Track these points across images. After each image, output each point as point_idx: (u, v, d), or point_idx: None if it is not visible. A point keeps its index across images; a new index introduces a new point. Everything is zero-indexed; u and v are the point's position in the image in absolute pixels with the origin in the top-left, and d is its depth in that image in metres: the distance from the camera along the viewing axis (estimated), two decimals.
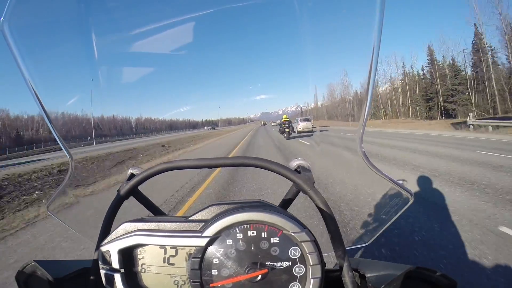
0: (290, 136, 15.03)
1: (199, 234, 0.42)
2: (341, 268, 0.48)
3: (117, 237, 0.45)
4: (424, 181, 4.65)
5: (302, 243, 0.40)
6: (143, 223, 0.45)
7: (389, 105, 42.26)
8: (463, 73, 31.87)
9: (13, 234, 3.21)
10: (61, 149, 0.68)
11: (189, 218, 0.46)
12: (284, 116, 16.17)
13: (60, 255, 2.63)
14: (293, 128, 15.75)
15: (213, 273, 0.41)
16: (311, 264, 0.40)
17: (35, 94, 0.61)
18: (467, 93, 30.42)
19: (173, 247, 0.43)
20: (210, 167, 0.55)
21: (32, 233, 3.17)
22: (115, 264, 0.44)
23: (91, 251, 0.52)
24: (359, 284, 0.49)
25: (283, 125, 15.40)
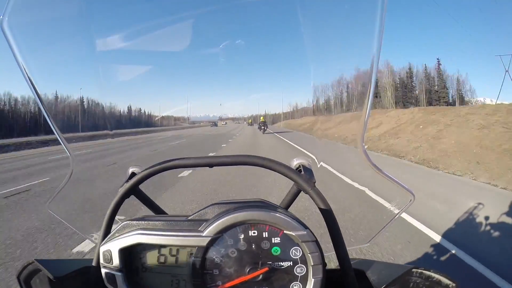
0: (265, 132, 23.46)
1: (200, 234, 0.42)
2: (342, 268, 0.48)
3: (118, 236, 0.45)
4: None
5: (303, 243, 0.40)
6: (144, 222, 0.45)
7: None
8: None
9: None
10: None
11: (190, 218, 0.46)
12: (261, 118, 25.51)
13: None
14: (267, 126, 24.62)
15: (214, 273, 0.41)
16: (312, 264, 0.40)
17: (35, 92, 0.61)
18: None
19: (174, 246, 0.43)
20: (211, 165, 0.55)
21: None
22: (116, 263, 0.44)
23: (92, 250, 0.52)
24: (360, 284, 0.49)
25: (260, 124, 24.67)
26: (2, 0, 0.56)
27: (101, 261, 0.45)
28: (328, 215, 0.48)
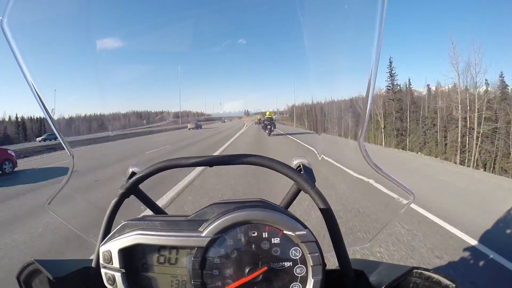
0: (272, 133, 15.15)
1: (200, 234, 0.41)
2: (341, 268, 0.48)
3: (118, 236, 0.45)
4: None
5: (303, 243, 0.40)
6: (143, 223, 0.45)
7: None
8: None
9: None
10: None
11: (190, 218, 0.46)
12: (267, 113, 16.28)
13: None
14: (275, 125, 15.70)
15: (214, 273, 0.41)
16: (312, 264, 0.40)
17: (35, 91, 0.61)
18: None
19: (174, 247, 0.43)
20: (211, 165, 0.55)
21: None
22: (116, 263, 0.44)
23: (92, 250, 0.52)
24: (360, 285, 0.49)
25: (265, 121, 15.68)
26: (2, 0, 0.56)
27: (101, 261, 0.45)
28: (328, 215, 0.47)
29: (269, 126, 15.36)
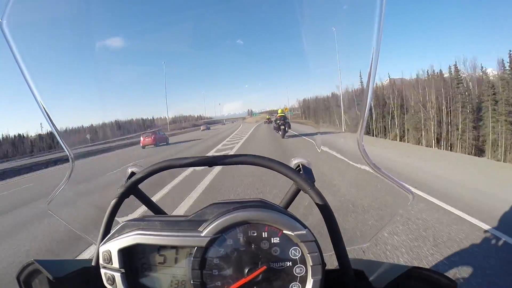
0: (287, 134, 12.91)
1: (199, 234, 0.42)
2: (341, 268, 0.48)
3: (118, 236, 0.45)
4: None
5: (303, 243, 0.40)
6: (143, 223, 0.45)
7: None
8: None
9: None
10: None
11: (189, 218, 0.46)
12: (279, 111, 14.01)
13: None
14: (289, 125, 13.34)
15: (213, 273, 0.41)
16: (312, 264, 0.40)
17: (35, 92, 0.61)
18: None
19: (173, 247, 0.43)
20: (210, 165, 0.55)
21: None
22: (116, 263, 0.44)
23: (92, 250, 0.52)
24: (360, 284, 0.49)
25: (278, 121, 13.35)
26: (2, 1, 0.56)
27: (101, 261, 0.45)
28: (327, 214, 0.48)
29: (282, 127, 12.84)
